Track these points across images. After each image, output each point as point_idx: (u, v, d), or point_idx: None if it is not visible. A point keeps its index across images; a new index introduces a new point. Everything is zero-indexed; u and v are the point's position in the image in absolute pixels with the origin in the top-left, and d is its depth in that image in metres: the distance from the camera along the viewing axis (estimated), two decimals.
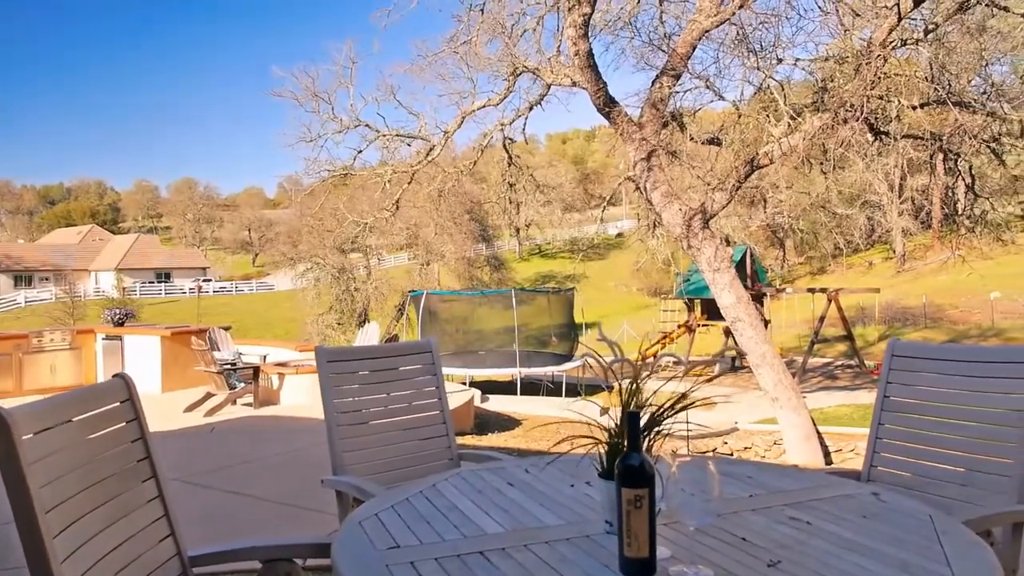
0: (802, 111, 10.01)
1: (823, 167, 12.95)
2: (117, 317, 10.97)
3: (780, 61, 10.33)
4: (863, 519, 1.87)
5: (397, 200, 14.58)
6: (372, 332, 12.11)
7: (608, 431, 1.80)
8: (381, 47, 15.24)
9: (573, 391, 18.79)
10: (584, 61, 9.37)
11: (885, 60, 9.20)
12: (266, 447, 6.97)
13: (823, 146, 10.58)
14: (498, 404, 14.54)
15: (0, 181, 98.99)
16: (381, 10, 11.95)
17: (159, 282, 65.16)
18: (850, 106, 9.10)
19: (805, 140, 9.50)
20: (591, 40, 9.47)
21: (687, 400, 1.82)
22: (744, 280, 19.01)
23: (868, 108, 9.37)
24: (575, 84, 10.42)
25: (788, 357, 21.61)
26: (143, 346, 10.30)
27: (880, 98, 9.96)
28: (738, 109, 11.19)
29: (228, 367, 8.95)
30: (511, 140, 14.04)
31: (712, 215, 9.97)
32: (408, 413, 3.12)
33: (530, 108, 12.49)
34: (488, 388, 17.41)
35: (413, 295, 22.63)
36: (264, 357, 9.79)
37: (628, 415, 1.59)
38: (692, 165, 12.73)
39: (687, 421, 1.80)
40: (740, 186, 10.17)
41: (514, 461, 2.71)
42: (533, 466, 2.45)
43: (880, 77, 9.36)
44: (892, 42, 9.09)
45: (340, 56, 14.45)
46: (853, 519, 1.87)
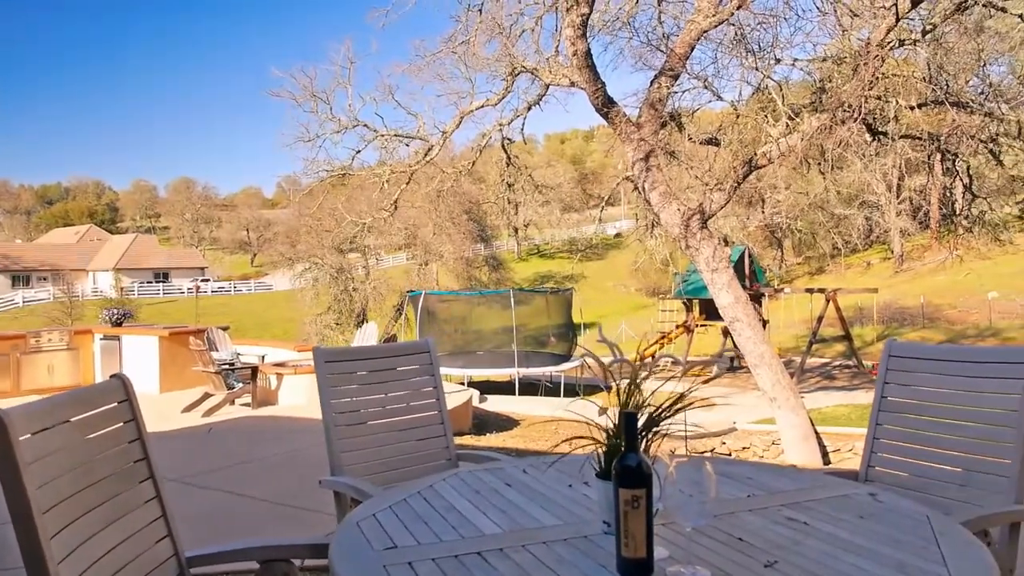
0: (800, 111, 10.02)
1: (821, 167, 12.97)
2: (115, 317, 10.96)
3: (778, 61, 10.35)
4: (860, 519, 1.87)
5: (395, 200, 14.58)
6: (370, 332, 12.12)
7: (606, 431, 1.80)
8: (379, 47, 15.29)
9: (571, 391, 18.80)
10: (582, 61, 9.37)
11: (883, 60, 9.22)
12: (264, 447, 6.96)
13: (821, 146, 10.59)
14: (496, 404, 14.54)
15: None
16: (378, 10, 11.96)
17: (157, 282, 65.10)
18: (848, 106, 9.11)
19: (803, 140, 9.51)
20: (589, 40, 9.48)
21: (685, 400, 1.82)
22: (742, 280, 19.04)
23: (866, 108, 9.39)
24: (573, 84, 10.43)
25: (786, 357, 21.62)
26: (141, 346, 10.29)
27: (878, 98, 9.97)
28: (736, 109, 11.19)
29: (226, 367, 8.95)
30: (509, 140, 14.05)
31: (710, 215, 9.98)
32: (406, 413, 3.12)
33: (528, 108, 12.49)
34: (486, 388, 17.41)
35: (411, 295, 22.63)
36: (262, 357, 9.78)
37: (625, 415, 1.59)
38: (690, 165, 12.74)
39: (685, 421, 1.81)
40: (738, 186, 10.19)
41: (512, 461, 2.71)
42: (531, 466, 2.45)
43: (878, 77, 9.37)
44: (890, 42, 9.11)
45: (338, 56, 14.45)
46: (850, 519, 1.87)
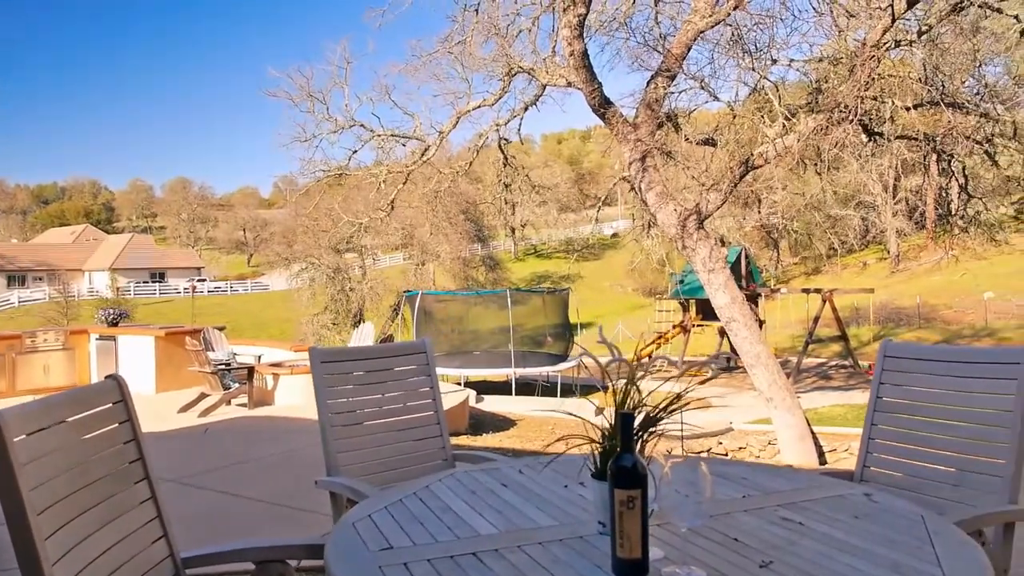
0: (797, 112, 10.03)
1: (817, 168, 12.99)
2: (111, 317, 10.94)
3: (775, 62, 10.35)
4: (855, 519, 1.88)
5: (392, 200, 14.57)
6: (367, 332, 12.11)
7: (602, 431, 1.81)
8: (376, 47, 15.26)
9: (568, 391, 18.81)
10: (579, 61, 9.37)
11: (879, 61, 9.23)
12: (260, 448, 6.95)
13: (817, 147, 10.60)
14: (493, 404, 14.52)
15: None
16: (375, 10, 11.94)
17: (153, 282, 65.01)
18: (844, 107, 9.13)
19: (800, 141, 9.52)
20: (586, 41, 9.47)
21: (682, 401, 1.82)
22: (739, 280, 19.06)
23: (862, 109, 9.40)
24: (570, 84, 10.43)
25: (783, 357, 21.64)
26: (137, 346, 10.27)
27: (874, 99, 9.98)
28: (733, 110, 11.20)
29: (222, 367, 8.93)
30: (506, 140, 14.04)
31: (707, 216, 9.99)
32: (402, 414, 3.12)
33: (525, 108, 12.48)
34: (483, 388, 17.40)
35: (408, 295, 22.62)
36: (259, 357, 9.76)
37: (621, 416, 1.59)
38: (687, 166, 12.74)
39: (681, 422, 1.81)
40: (735, 187, 10.19)
41: (508, 462, 2.71)
42: (527, 467, 2.45)
43: (874, 78, 9.39)
44: (886, 43, 9.12)
45: (335, 56, 14.42)
46: (845, 520, 1.88)
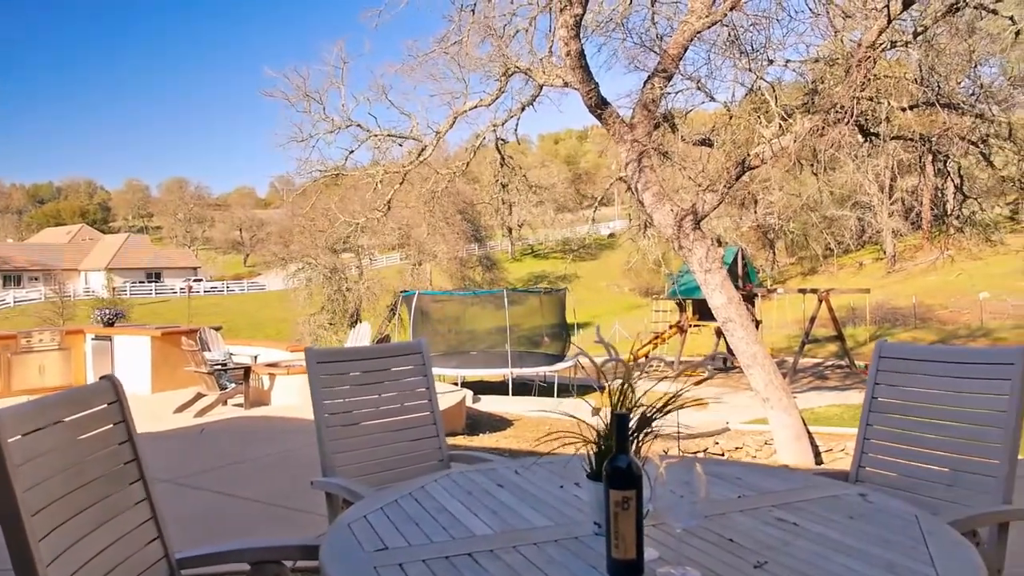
0: (793, 113, 10.04)
1: (814, 168, 13.01)
2: (107, 317, 10.92)
3: (771, 63, 10.35)
4: (850, 520, 1.88)
5: (389, 200, 14.57)
6: (364, 332, 12.10)
7: (597, 432, 1.81)
8: (372, 47, 15.13)
9: (565, 391, 18.82)
10: (576, 62, 9.38)
11: (875, 62, 9.25)
12: (256, 448, 6.94)
13: (813, 148, 10.62)
14: (490, 404, 14.53)
15: None
16: (372, 10, 11.95)
17: (149, 282, 64.89)
18: (840, 108, 9.14)
19: (796, 142, 9.54)
20: (583, 41, 9.48)
21: (678, 401, 1.82)
22: (735, 281, 19.09)
23: (858, 110, 9.41)
24: (567, 85, 10.44)
25: (779, 357, 21.69)
26: (133, 346, 10.25)
27: (870, 100, 9.99)
28: (729, 110, 11.21)
29: (219, 367, 8.92)
30: (503, 141, 14.03)
31: (703, 216, 10.00)
32: (398, 414, 3.12)
33: (522, 109, 12.48)
34: (480, 388, 17.41)
35: (405, 295, 22.63)
36: (255, 357, 9.76)
37: (616, 417, 1.59)
38: (683, 166, 12.74)
39: (677, 422, 1.81)
40: (731, 187, 10.21)
41: (504, 462, 2.71)
42: (523, 467, 2.45)
43: (870, 79, 9.41)
44: (882, 44, 9.14)
45: (331, 56, 14.40)
46: (840, 520, 1.88)
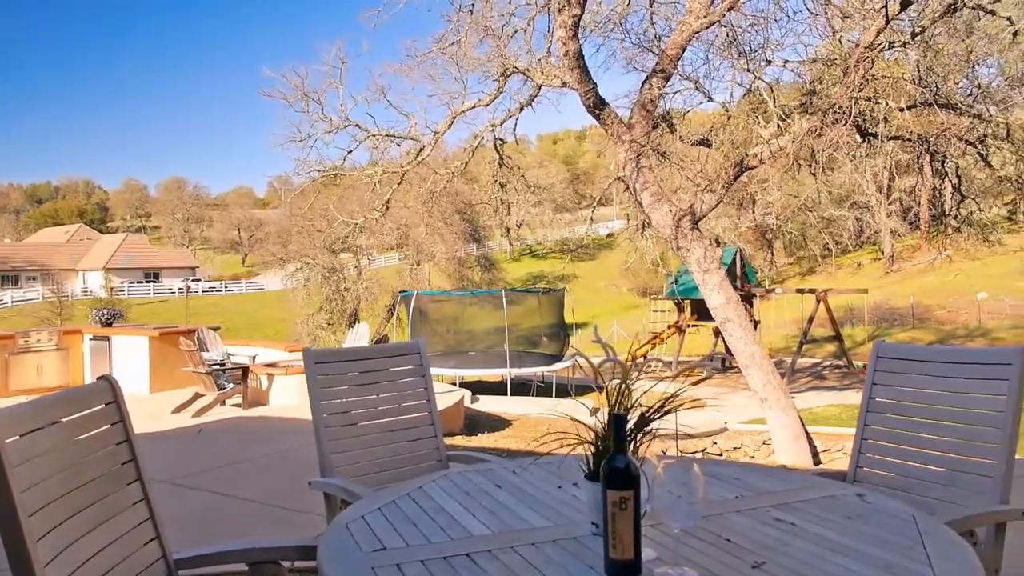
0: (791, 113, 10.05)
1: (812, 168, 13.02)
2: (105, 317, 10.90)
3: (769, 63, 10.37)
4: (847, 520, 1.88)
5: (387, 200, 14.57)
6: (362, 332, 12.09)
7: (594, 432, 1.81)
8: (371, 47, 15.20)
9: (563, 391, 18.83)
10: (574, 62, 9.39)
11: (873, 62, 9.26)
12: (255, 448, 6.94)
13: (811, 148, 10.63)
14: (488, 404, 14.54)
15: None
16: (370, 10, 11.99)
17: (147, 282, 64.81)
18: (838, 108, 9.16)
19: (794, 142, 9.55)
20: (581, 41, 9.49)
21: (676, 401, 1.82)
22: (733, 281, 19.10)
23: (856, 110, 9.43)
24: (565, 85, 10.44)
25: (777, 358, 21.70)
26: (131, 346, 10.24)
27: (868, 100, 10.01)
28: (727, 111, 11.22)
29: (217, 368, 8.91)
30: (502, 141, 14.05)
31: (701, 216, 10.02)
32: (396, 415, 3.11)
33: (521, 109, 12.50)
34: (478, 388, 17.41)
35: (403, 295, 22.61)
36: (253, 357, 9.75)
37: (614, 417, 1.59)
38: (682, 166, 12.75)
39: (676, 422, 1.81)
40: (729, 187, 10.22)
41: (502, 462, 2.71)
42: (521, 468, 2.45)
43: (868, 79, 9.42)
44: (880, 44, 9.15)
45: (330, 56, 14.42)
46: (838, 520, 1.88)
